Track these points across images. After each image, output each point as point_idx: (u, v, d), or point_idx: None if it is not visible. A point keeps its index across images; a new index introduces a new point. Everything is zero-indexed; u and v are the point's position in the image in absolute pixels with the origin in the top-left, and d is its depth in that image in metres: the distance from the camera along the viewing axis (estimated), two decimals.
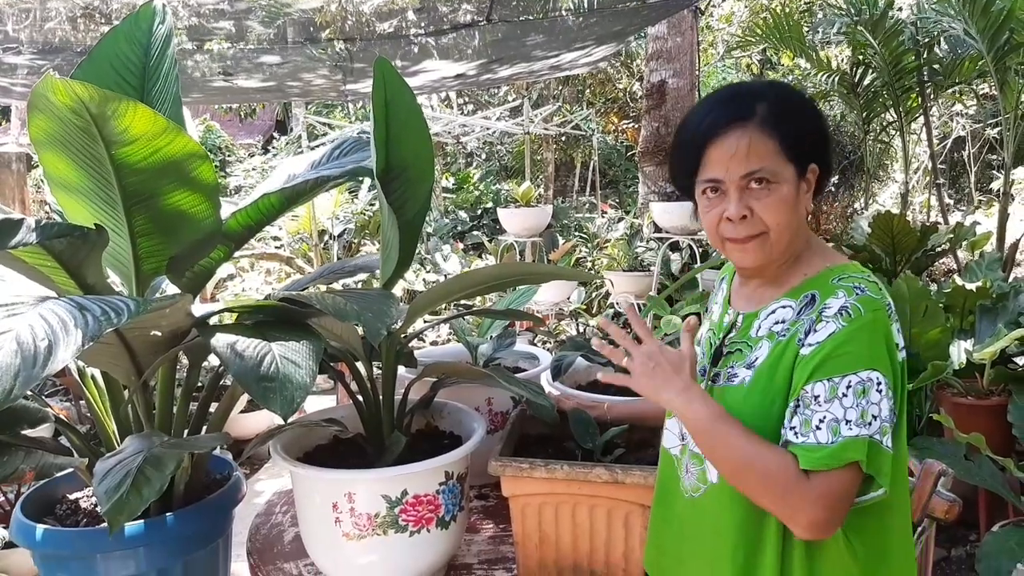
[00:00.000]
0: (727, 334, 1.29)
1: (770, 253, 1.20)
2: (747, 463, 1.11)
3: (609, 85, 11.89)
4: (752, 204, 1.17)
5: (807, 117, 1.21)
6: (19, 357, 1.06)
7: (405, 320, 1.66)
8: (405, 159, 1.64)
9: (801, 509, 1.07)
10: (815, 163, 1.20)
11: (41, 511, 1.65)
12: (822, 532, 1.09)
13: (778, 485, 1.08)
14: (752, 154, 1.15)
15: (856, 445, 1.06)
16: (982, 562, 2.50)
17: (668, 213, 5.13)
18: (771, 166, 1.15)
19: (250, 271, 7.21)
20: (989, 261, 4.16)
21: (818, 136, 1.22)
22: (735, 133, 1.16)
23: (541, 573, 1.52)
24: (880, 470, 1.08)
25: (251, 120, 15.57)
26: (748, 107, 1.17)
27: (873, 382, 1.08)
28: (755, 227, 1.18)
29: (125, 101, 1.30)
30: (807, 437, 1.09)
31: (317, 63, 5.20)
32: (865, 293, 1.13)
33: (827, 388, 1.09)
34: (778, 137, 1.16)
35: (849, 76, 6.64)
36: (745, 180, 1.16)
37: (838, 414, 1.08)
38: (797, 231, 1.21)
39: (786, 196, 1.16)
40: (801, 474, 1.08)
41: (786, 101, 1.20)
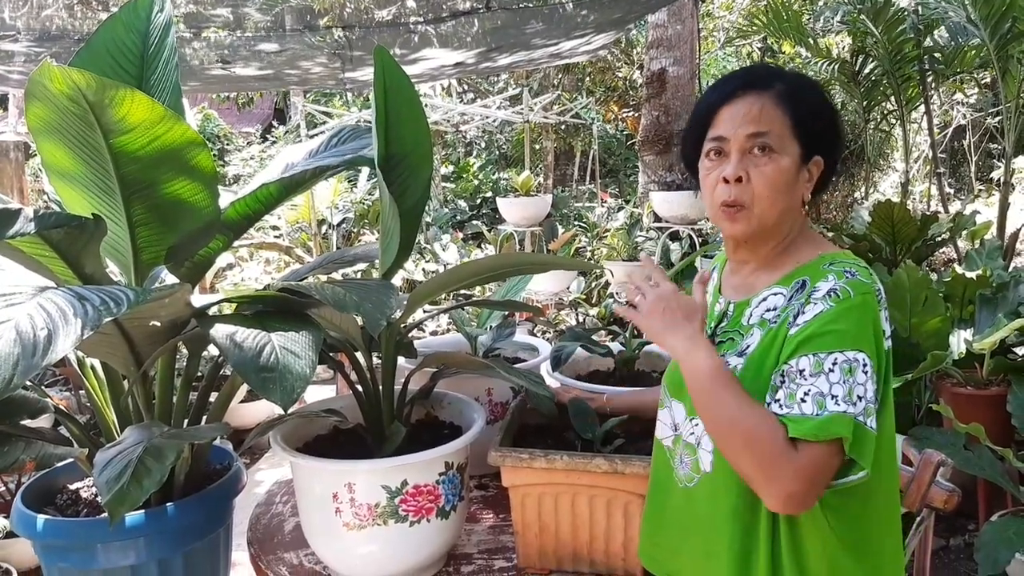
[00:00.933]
0: (719, 323, 1.29)
1: (755, 227, 1.19)
2: (738, 422, 1.09)
3: (609, 73, 11.85)
4: (750, 169, 1.17)
5: (822, 105, 1.22)
6: (18, 346, 1.06)
7: (405, 310, 1.66)
8: (405, 147, 1.63)
9: (782, 478, 1.06)
10: (821, 155, 1.20)
11: (41, 501, 1.65)
12: (797, 506, 1.08)
13: (764, 450, 1.07)
14: (760, 118, 1.16)
15: (842, 421, 1.05)
16: (981, 551, 2.52)
17: (668, 202, 5.12)
18: (778, 134, 1.16)
19: (249, 261, 7.21)
20: (989, 250, 4.16)
21: (829, 127, 1.22)
22: (749, 98, 1.17)
23: (541, 562, 1.53)
24: (862, 452, 1.07)
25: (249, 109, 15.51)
26: (767, 81, 1.19)
27: (859, 362, 1.07)
28: (746, 194, 1.17)
29: (123, 89, 1.29)
30: (791, 408, 1.08)
31: (315, 51, 5.18)
32: (855, 277, 1.13)
33: (812, 362, 1.08)
34: (791, 112, 1.17)
35: (850, 64, 6.63)
36: (749, 142, 1.17)
37: (824, 388, 1.07)
38: (788, 213, 1.21)
39: (785, 169, 1.16)
40: (788, 444, 1.06)
41: (804, 85, 1.22)
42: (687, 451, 1.26)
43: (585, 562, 1.51)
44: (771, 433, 1.07)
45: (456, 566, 1.59)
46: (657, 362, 2.11)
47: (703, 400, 1.15)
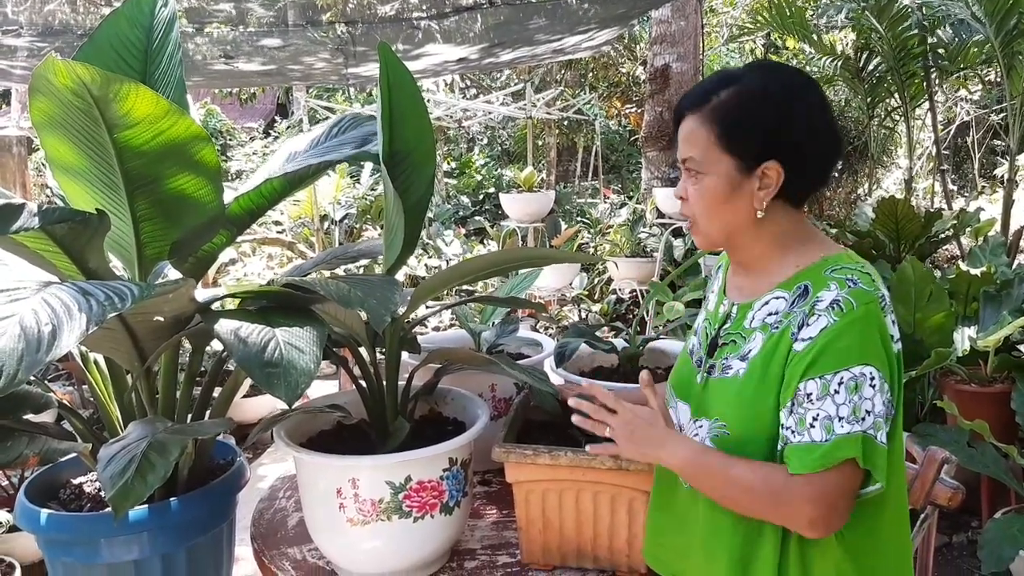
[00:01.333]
0: (722, 325, 1.29)
1: (705, 240, 1.26)
2: (733, 486, 1.14)
3: (612, 69, 11.82)
4: (688, 188, 1.23)
5: (763, 112, 1.17)
6: (23, 342, 1.06)
7: (409, 306, 1.65)
8: (408, 144, 1.63)
9: (796, 513, 1.09)
10: (776, 161, 1.16)
11: (45, 496, 1.65)
12: (824, 530, 1.10)
13: (765, 497, 1.11)
14: (687, 142, 1.21)
15: (849, 443, 1.07)
16: (984, 549, 2.51)
17: (671, 199, 5.11)
18: (700, 156, 1.19)
19: (252, 256, 7.21)
20: (993, 247, 4.15)
21: (773, 132, 1.16)
22: (686, 122, 1.21)
23: (545, 559, 1.52)
24: (876, 465, 1.08)
25: (252, 104, 15.50)
26: (707, 95, 1.19)
27: (866, 377, 1.08)
28: (688, 210, 1.25)
29: (127, 83, 1.29)
30: (802, 436, 1.10)
31: (318, 46, 5.17)
32: (858, 286, 1.12)
33: (819, 386, 1.09)
34: (716, 129, 1.17)
35: (853, 61, 6.60)
36: (684, 166, 1.23)
37: (831, 411, 1.08)
38: (737, 225, 1.21)
39: (709, 187, 1.19)
40: (788, 479, 1.10)
41: (746, 92, 1.18)
42: None
43: (589, 558, 1.51)
44: (763, 479, 1.12)
45: (460, 562, 1.59)
46: (661, 358, 2.11)
47: (699, 482, 1.20)
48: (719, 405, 1.22)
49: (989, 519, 2.70)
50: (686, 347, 1.41)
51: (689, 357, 1.36)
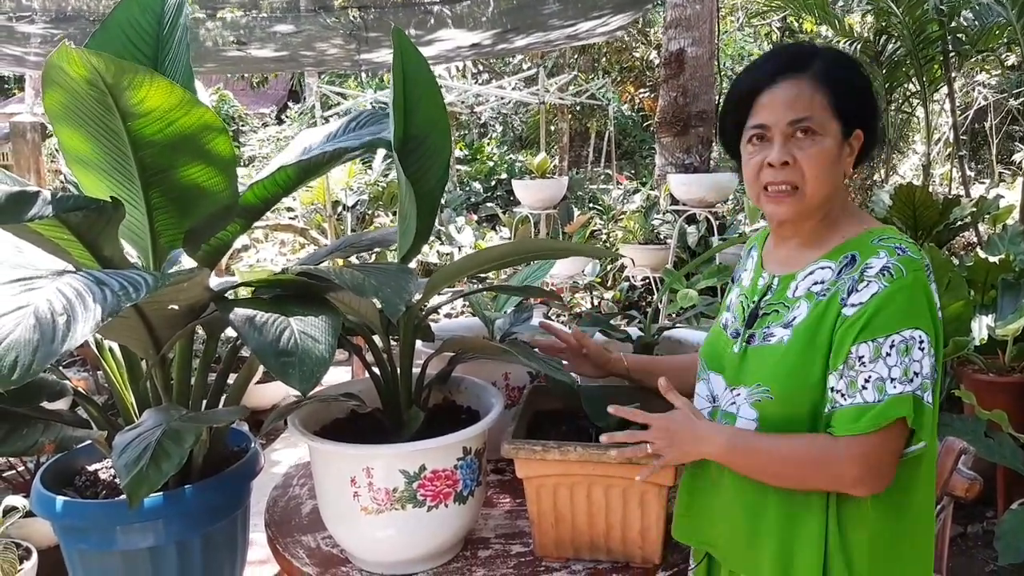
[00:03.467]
0: (763, 296, 1.31)
1: (804, 207, 1.23)
2: (779, 460, 1.18)
3: (625, 54, 11.75)
4: (795, 152, 1.20)
5: (860, 80, 1.24)
6: (38, 332, 1.06)
7: (423, 295, 1.65)
8: (422, 130, 1.61)
9: (844, 473, 1.13)
10: (861, 129, 1.23)
11: (61, 482, 1.66)
12: (871, 487, 1.14)
13: (813, 463, 1.15)
14: (802, 103, 1.19)
15: (902, 402, 1.11)
16: (1001, 540, 2.49)
17: (685, 185, 5.08)
18: (819, 117, 1.19)
19: (264, 242, 7.23)
20: (1012, 235, 4.10)
21: (868, 101, 1.24)
22: (788, 82, 1.20)
23: (558, 552, 1.52)
24: (922, 424, 1.13)
25: (264, 88, 15.51)
26: (804, 61, 1.21)
27: (915, 340, 1.12)
28: (794, 176, 1.21)
29: (142, 72, 1.28)
30: (854, 398, 1.13)
31: (331, 32, 5.15)
32: (906, 253, 1.16)
33: (871, 349, 1.12)
34: (829, 92, 1.19)
35: (872, 44, 6.52)
36: (792, 128, 1.20)
37: (883, 373, 1.12)
38: (834, 190, 1.24)
39: (829, 149, 1.20)
40: (831, 442, 1.14)
41: (841, 61, 1.23)
42: (727, 420, 1.30)
43: (603, 551, 1.50)
44: (809, 446, 1.16)
45: (473, 551, 1.58)
46: (677, 347, 2.09)
47: (743, 464, 1.23)
48: (760, 371, 1.25)
49: (1006, 510, 2.68)
50: (718, 322, 1.44)
51: (722, 330, 1.39)
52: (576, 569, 1.50)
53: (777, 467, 1.19)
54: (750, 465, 1.22)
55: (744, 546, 1.28)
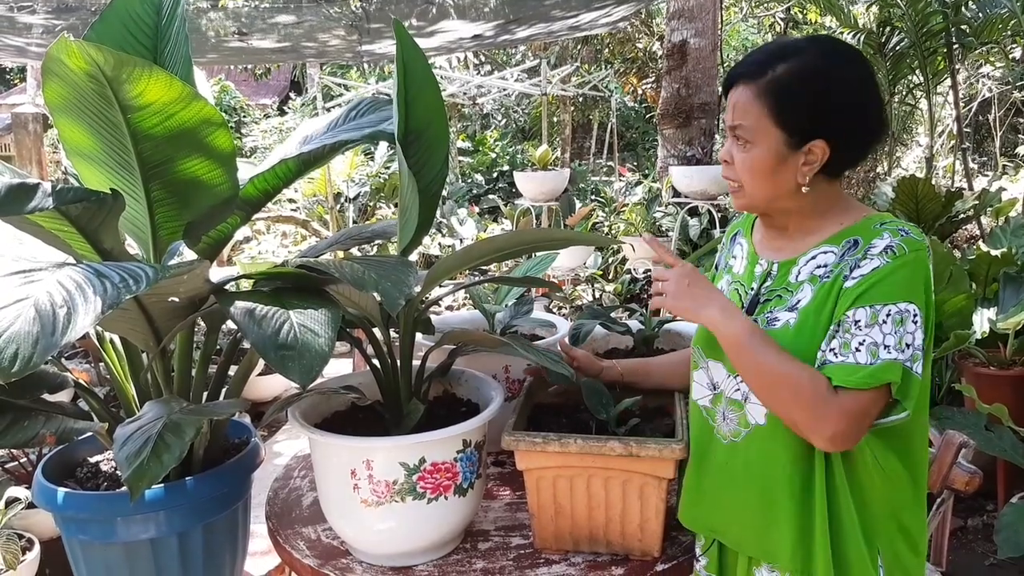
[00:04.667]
0: (763, 283, 1.33)
1: (748, 204, 1.30)
2: (782, 376, 1.19)
3: (628, 45, 11.71)
4: (734, 154, 1.27)
5: (816, 92, 1.20)
6: (38, 324, 1.06)
7: (423, 288, 1.65)
8: (421, 122, 1.61)
9: (828, 421, 1.15)
10: (823, 139, 1.21)
11: (62, 474, 1.66)
12: (842, 444, 1.17)
13: (809, 398, 1.16)
14: (739, 110, 1.24)
15: (893, 368, 1.14)
16: (1001, 533, 2.50)
17: (688, 177, 5.07)
18: (752, 126, 1.23)
19: (266, 233, 7.24)
20: (1014, 228, 4.09)
21: (825, 112, 1.21)
22: (738, 89, 1.24)
23: (557, 544, 1.52)
24: (908, 394, 1.16)
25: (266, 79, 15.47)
26: (764, 67, 1.22)
27: (910, 313, 1.16)
28: (733, 175, 1.28)
29: (141, 65, 1.27)
30: (846, 358, 1.16)
31: (332, 23, 5.14)
32: (909, 235, 1.20)
33: (868, 314, 1.16)
34: (774, 103, 1.21)
35: (876, 35, 6.49)
36: (732, 132, 1.26)
37: (877, 339, 1.15)
38: (781, 196, 1.26)
39: (758, 158, 1.23)
40: (830, 390, 1.16)
41: (804, 70, 1.21)
42: (732, 407, 1.32)
43: (602, 543, 1.51)
44: (812, 380, 1.17)
45: (473, 543, 1.59)
46: (677, 340, 2.09)
47: (747, 360, 1.23)
48: None
49: (1006, 503, 2.68)
50: None
51: None
52: (575, 561, 1.50)
53: (773, 381, 1.20)
54: (751, 363, 1.22)
55: (760, 533, 1.29)
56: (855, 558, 1.21)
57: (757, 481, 1.29)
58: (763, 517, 1.28)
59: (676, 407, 1.58)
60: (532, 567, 1.49)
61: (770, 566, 1.29)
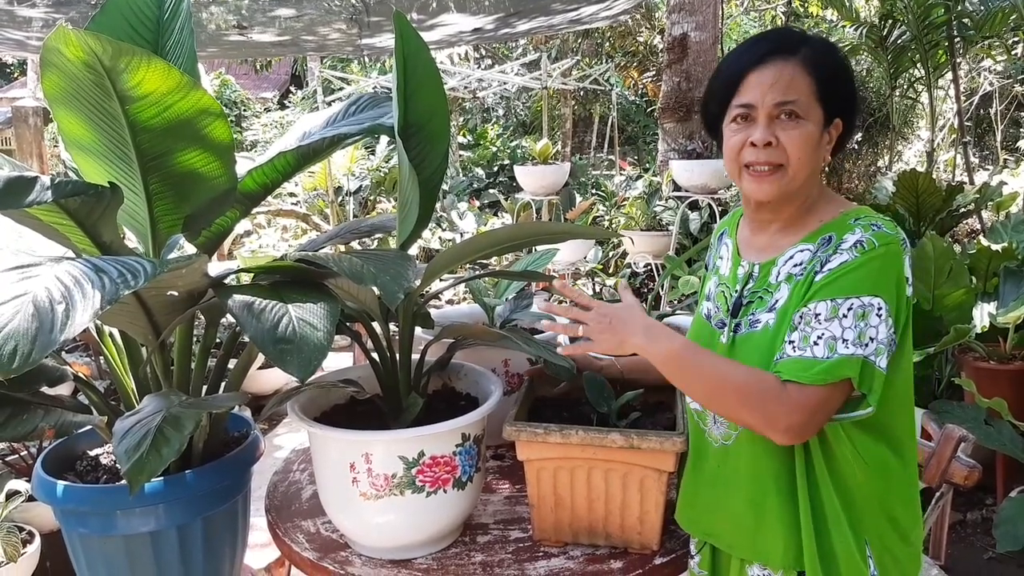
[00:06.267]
0: (745, 285, 1.32)
1: (785, 188, 1.24)
2: (722, 382, 1.18)
3: (629, 38, 11.68)
4: (779, 134, 1.21)
5: (844, 70, 1.25)
6: (36, 321, 1.06)
7: (422, 281, 1.65)
8: (422, 116, 1.61)
9: (780, 415, 1.13)
10: (841, 118, 1.25)
11: (62, 467, 1.66)
12: (799, 436, 1.16)
13: (756, 398, 1.15)
14: (790, 85, 1.20)
15: (850, 363, 1.12)
16: (1000, 527, 2.50)
17: (688, 171, 5.06)
18: (804, 101, 1.20)
19: (266, 227, 7.23)
20: (1015, 222, 4.09)
21: (850, 91, 1.25)
22: (777, 64, 1.20)
23: (557, 536, 1.53)
24: (871, 388, 1.14)
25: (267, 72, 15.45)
26: (793, 45, 1.22)
27: (874, 307, 1.14)
28: (777, 156, 1.22)
29: (139, 54, 1.27)
30: (804, 351, 1.15)
31: (332, 16, 5.12)
32: (881, 229, 1.19)
33: (829, 308, 1.15)
34: (815, 78, 1.20)
35: (877, 29, 6.47)
36: (777, 110, 1.21)
37: (836, 333, 1.14)
38: (812, 175, 1.25)
39: (811, 134, 1.21)
40: (778, 383, 1.15)
41: (828, 49, 1.25)
42: None
43: (601, 536, 1.51)
44: (757, 380, 1.16)
45: (472, 536, 1.59)
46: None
47: (684, 377, 1.22)
48: (751, 358, 1.25)
49: (1005, 497, 2.69)
50: (699, 313, 1.44)
51: (706, 321, 1.39)
52: (574, 554, 1.50)
53: (716, 388, 1.19)
54: (690, 378, 1.22)
55: (751, 537, 1.29)
56: (842, 550, 1.21)
57: (746, 484, 1.28)
58: (754, 519, 1.28)
59: (677, 401, 1.59)
60: (531, 560, 1.49)
61: (762, 565, 1.29)
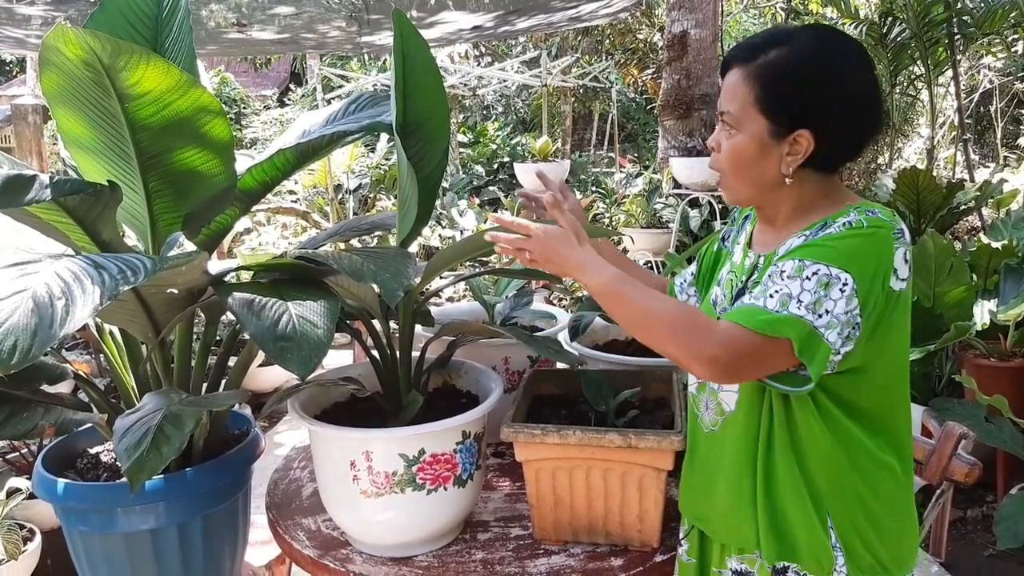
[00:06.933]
0: (749, 276, 1.32)
1: (731, 195, 1.27)
2: (651, 312, 1.18)
3: (629, 36, 11.67)
4: (720, 140, 1.24)
5: (803, 80, 1.17)
6: (36, 316, 1.06)
7: (422, 279, 1.64)
8: (421, 114, 1.61)
9: (705, 346, 1.11)
10: (807, 129, 1.17)
11: (62, 465, 1.67)
12: (721, 373, 1.13)
13: (684, 328, 1.14)
14: (728, 95, 1.22)
15: (795, 324, 1.09)
16: (1000, 525, 2.50)
17: (688, 168, 5.06)
18: (737, 112, 1.20)
19: (266, 225, 7.23)
20: (1015, 220, 4.09)
21: (813, 102, 1.17)
22: (730, 73, 1.22)
23: (557, 535, 1.53)
24: (813, 359, 1.10)
25: (266, 70, 15.44)
26: (756, 51, 1.20)
27: (840, 280, 1.10)
28: (717, 163, 1.26)
29: (138, 52, 1.27)
30: (756, 300, 1.13)
31: (332, 14, 5.11)
32: (875, 214, 1.16)
33: (795, 267, 1.12)
34: (760, 88, 1.18)
35: (878, 26, 6.46)
36: (720, 117, 1.24)
37: (794, 291, 1.11)
38: (763, 186, 1.23)
39: (740, 145, 1.21)
40: (708, 319, 1.15)
41: (794, 57, 1.18)
42: (711, 396, 1.32)
43: (601, 534, 1.51)
44: (687, 312, 1.16)
45: (473, 534, 1.59)
46: None
47: (615, 306, 1.22)
48: None
49: (1005, 495, 2.69)
50: (708, 298, 1.43)
51: (712, 308, 1.39)
52: (574, 552, 1.50)
53: (645, 318, 1.18)
54: (621, 308, 1.22)
55: (730, 522, 1.29)
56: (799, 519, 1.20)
57: (728, 468, 1.28)
58: (730, 503, 1.28)
59: (675, 398, 1.59)
60: (531, 558, 1.49)
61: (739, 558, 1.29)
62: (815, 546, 1.20)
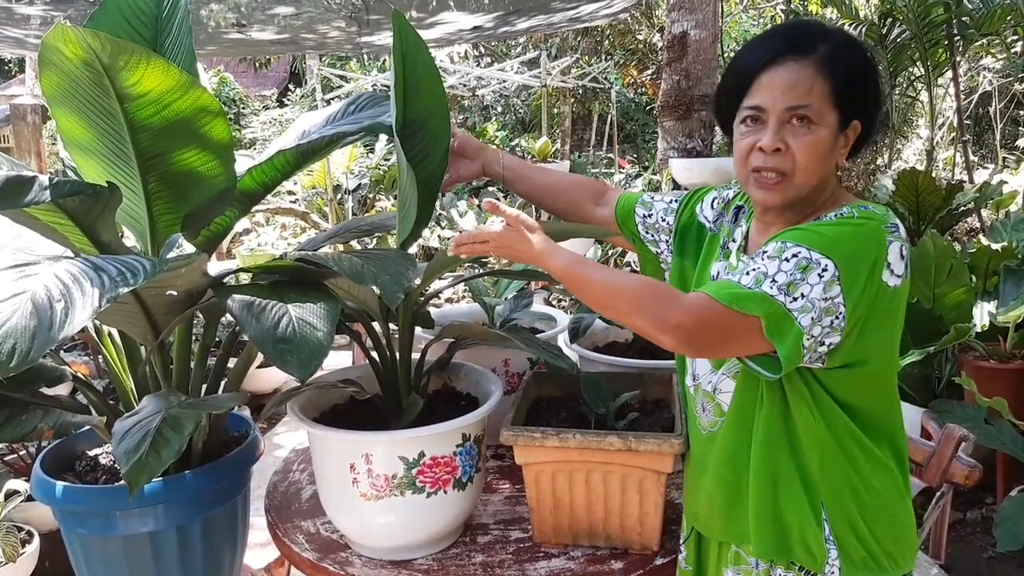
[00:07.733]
0: None
1: (791, 196, 1.20)
2: (613, 287, 1.19)
3: (629, 36, 11.68)
4: (788, 139, 1.16)
5: (865, 71, 1.18)
6: (35, 319, 1.05)
7: (422, 280, 1.64)
8: (421, 115, 1.60)
9: (670, 315, 1.10)
10: (859, 120, 1.19)
11: (61, 467, 1.66)
12: (685, 341, 1.12)
13: (646, 298, 1.14)
14: (802, 89, 1.14)
15: (764, 302, 1.08)
16: (1000, 527, 2.50)
17: (688, 169, 5.04)
18: (818, 106, 1.15)
19: (265, 226, 7.23)
20: (1015, 221, 4.09)
21: (871, 92, 1.19)
22: (791, 65, 1.15)
23: (557, 538, 1.52)
24: (782, 341, 1.08)
25: (266, 71, 15.43)
26: (810, 43, 1.16)
27: (819, 265, 1.08)
28: (784, 163, 1.17)
29: (138, 52, 1.26)
30: (732, 277, 1.13)
31: (332, 14, 5.11)
32: (868, 208, 1.15)
33: (776, 247, 1.11)
34: (831, 80, 1.14)
35: (877, 27, 6.46)
36: (788, 114, 1.15)
37: (770, 271, 1.09)
38: (823, 181, 1.20)
39: (823, 140, 1.16)
40: (671, 289, 1.17)
41: (849, 47, 1.18)
42: (707, 398, 1.31)
43: (601, 537, 1.51)
44: (651, 285, 1.17)
45: (472, 536, 1.59)
46: None
47: (578, 285, 1.23)
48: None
49: (1005, 496, 2.68)
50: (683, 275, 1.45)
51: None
52: (575, 555, 1.50)
53: (609, 295, 1.19)
54: (585, 287, 1.23)
55: (725, 520, 1.30)
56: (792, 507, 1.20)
57: (724, 465, 1.28)
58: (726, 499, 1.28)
59: (675, 401, 1.58)
60: (531, 561, 1.49)
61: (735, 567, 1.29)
62: (808, 538, 1.20)
